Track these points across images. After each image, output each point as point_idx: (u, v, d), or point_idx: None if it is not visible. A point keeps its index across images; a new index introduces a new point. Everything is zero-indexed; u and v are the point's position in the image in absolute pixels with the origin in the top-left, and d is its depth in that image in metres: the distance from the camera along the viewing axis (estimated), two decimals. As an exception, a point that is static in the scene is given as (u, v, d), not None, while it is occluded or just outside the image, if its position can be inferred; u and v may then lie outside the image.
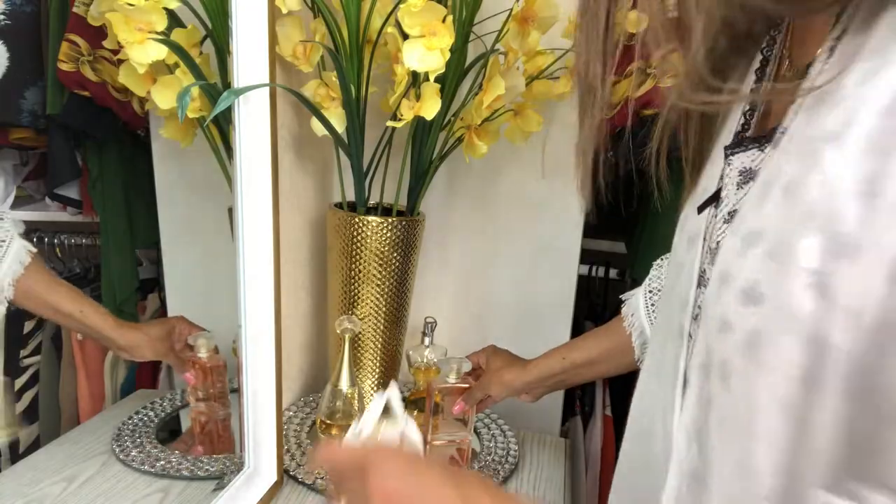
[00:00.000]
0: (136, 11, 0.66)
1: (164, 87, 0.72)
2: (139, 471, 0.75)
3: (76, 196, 0.78)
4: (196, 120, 0.77)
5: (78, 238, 0.80)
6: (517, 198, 1.06)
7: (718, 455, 0.34)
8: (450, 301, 1.13)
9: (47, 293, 0.72)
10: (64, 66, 0.69)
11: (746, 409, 0.32)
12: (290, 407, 0.98)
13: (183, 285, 0.89)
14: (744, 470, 0.32)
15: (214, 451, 0.82)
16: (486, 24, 0.87)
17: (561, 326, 1.09)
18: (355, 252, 0.90)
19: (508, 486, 0.84)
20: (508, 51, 0.85)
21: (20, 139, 0.71)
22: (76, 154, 0.77)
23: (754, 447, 0.31)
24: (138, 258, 0.87)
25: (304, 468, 0.83)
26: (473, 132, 0.89)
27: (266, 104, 0.70)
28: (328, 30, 0.83)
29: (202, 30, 0.75)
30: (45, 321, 0.77)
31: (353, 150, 0.88)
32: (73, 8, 0.69)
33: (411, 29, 0.76)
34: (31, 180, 0.76)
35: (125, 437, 0.80)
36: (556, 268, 1.08)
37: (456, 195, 1.09)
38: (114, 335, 0.78)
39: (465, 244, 1.11)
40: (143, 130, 0.82)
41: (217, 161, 0.78)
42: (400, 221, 0.90)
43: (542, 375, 0.85)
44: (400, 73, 0.80)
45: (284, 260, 0.82)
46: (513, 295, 1.11)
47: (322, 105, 0.84)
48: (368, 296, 0.93)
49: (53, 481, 0.71)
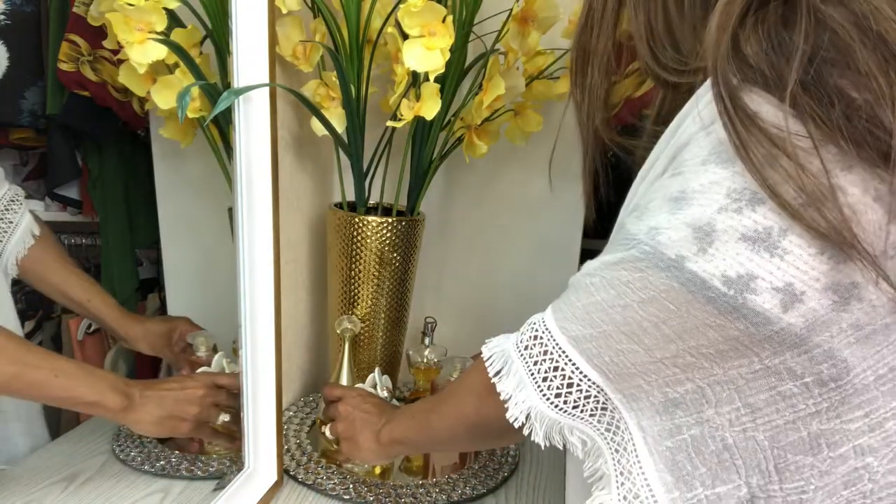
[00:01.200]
0: (136, 11, 0.66)
1: (164, 87, 0.72)
2: (139, 471, 0.75)
3: (76, 196, 0.78)
4: (196, 120, 0.77)
5: (78, 238, 0.80)
6: (517, 197, 1.06)
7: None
8: (450, 301, 1.13)
9: (57, 278, 0.74)
10: (64, 66, 0.69)
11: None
12: (290, 407, 0.98)
13: (183, 285, 0.89)
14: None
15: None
16: (486, 24, 0.87)
17: (561, 326, 1.09)
18: (355, 252, 0.90)
19: (508, 486, 0.84)
20: (508, 51, 0.85)
21: (20, 139, 0.71)
22: (76, 154, 0.77)
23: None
24: (138, 258, 0.87)
25: (305, 468, 0.83)
26: (473, 132, 0.89)
27: (266, 104, 0.70)
28: (328, 30, 0.83)
29: (202, 30, 0.75)
30: (45, 321, 0.77)
31: (353, 150, 0.88)
32: (73, 8, 0.69)
33: (411, 29, 0.76)
34: (31, 180, 0.76)
35: (125, 437, 0.80)
36: (556, 268, 1.08)
37: (456, 195, 1.09)
38: (116, 325, 0.79)
39: (465, 244, 1.11)
40: (143, 130, 0.82)
41: (217, 161, 0.78)
42: (400, 221, 0.90)
43: None
44: (400, 73, 0.80)
45: (284, 260, 0.82)
46: (513, 295, 1.11)
47: (322, 105, 0.84)
48: (368, 296, 0.93)
49: (53, 481, 0.71)
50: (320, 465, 0.83)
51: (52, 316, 0.78)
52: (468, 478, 0.83)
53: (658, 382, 0.39)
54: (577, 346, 0.42)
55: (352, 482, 0.80)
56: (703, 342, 0.37)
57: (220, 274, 0.78)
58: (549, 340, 0.44)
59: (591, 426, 0.43)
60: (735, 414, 0.38)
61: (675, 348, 0.38)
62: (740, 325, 0.35)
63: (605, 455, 0.43)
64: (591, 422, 0.43)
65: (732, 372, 0.37)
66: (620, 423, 0.42)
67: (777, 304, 0.34)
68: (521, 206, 1.06)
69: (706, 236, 0.35)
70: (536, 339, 0.45)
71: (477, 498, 0.80)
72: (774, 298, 0.34)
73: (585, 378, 0.42)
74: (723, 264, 0.35)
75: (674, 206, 0.37)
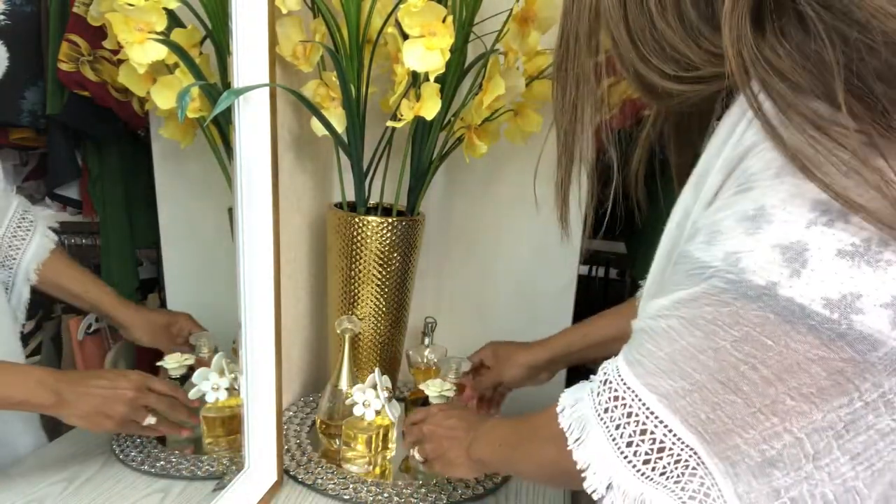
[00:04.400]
0: (136, 11, 0.66)
1: (164, 87, 0.72)
2: (139, 471, 0.75)
3: (76, 196, 0.78)
4: (196, 120, 0.77)
5: (78, 238, 0.80)
6: (517, 197, 1.06)
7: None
8: (450, 301, 1.13)
9: (65, 278, 0.76)
10: (64, 66, 0.69)
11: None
12: (290, 407, 0.98)
13: (183, 285, 0.89)
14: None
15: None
16: (486, 24, 0.87)
17: (561, 326, 1.08)
18: (355, 252, 0.90)
19: (508, 486, 0.84)
20: (508, 51, 0.85)
21: (20, 139, 0.71)
22: (76, 154, 0.77)
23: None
24: (138, 258, 0.87)
25: (305, 468, 0.83)
26: (473, 132, 0.89)
27: (266, 104, 0.70)
28: (328, 30, 0.83)
29: (202, 30, 0.75)
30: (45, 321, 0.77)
31: (353, 150, 0.88)
32: (73, 8, 0.69)
33: (411, 29, 0.76)
34: (31, 180, 0.76)
35: (125, 437, 0.80)
36: (556, 268, 1.08)
37: (456, 195, 1.09)
38: (114, 312, 0.80)
39: (465, 244, 1.11)
40: (143, 130, 0.82)
41: (217, 161, 0.78)
42: (400, 221, 0.90)
43: (563, 351, 0.87)
44: (400, 73, 0.80)
45: (284, 260, 0.82)
46: (513, 295, 1.11)
47: (322, 105, 0.84)
48: (368, 296, 0.93)
49: (53, 481, 0.71)
50: (320, 466, 0.83)
51: (53, 316, 0.78)
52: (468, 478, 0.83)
53: (755, 439, 0.36)
54: (669, 403, 0.38)
55: (352, 482, 0.80)
56: (806, 380, 0.34)
57: (220, 274, 0.78)
58: (633, 400, 0.40)
59: (674, 496, 0.39)
60: (834, 465, 0.35)
61: (774, 392, 0.34)
62: (845, 354, 0.32)
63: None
64: (675, 490, 0.39)
65: (832, 415, 0.34)
66: (712, 489, 0.38)
67: (886, 321, 0.31)
68: (521, 206, 1.06)
69: (798, 256, 0.32)
70: (618, 401, 0.40)
71: (477, 498, 0.80)
72: (883, 315, 0.31)
73: (679, 441, 0.38)
74: (822, 286, 0.32)
75: (752, 226, 0.33)
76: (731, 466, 0.37)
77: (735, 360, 0.35)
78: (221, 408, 0.80)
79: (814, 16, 0.32)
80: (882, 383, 0.33)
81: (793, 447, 0.35)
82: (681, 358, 0.37)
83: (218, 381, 0.78)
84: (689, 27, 0.39)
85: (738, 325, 0.34)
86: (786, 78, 0.32)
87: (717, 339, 0.35)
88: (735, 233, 0.34)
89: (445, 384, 0.85)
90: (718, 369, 0.35)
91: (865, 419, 0.34)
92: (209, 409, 0.80)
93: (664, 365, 0.38)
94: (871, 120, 0.30)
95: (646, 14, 0.41)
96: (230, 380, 0.79)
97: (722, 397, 0.36)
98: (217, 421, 0.81)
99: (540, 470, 0.56)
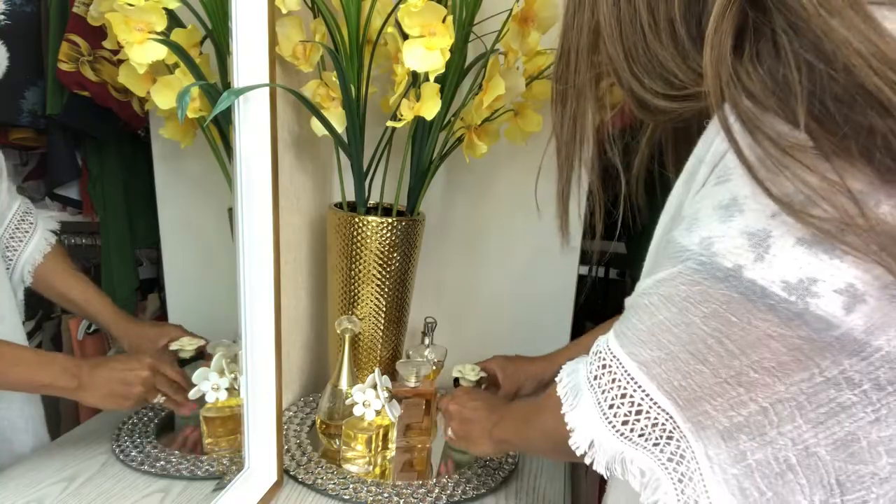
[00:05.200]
0: (136, 11, 0.66)
1: (164, 87, 0.72)
2: (139, 471, 0.75)
3: (76, 196, 0.78)
4: (196, 120, 0.77)
5: (78, 238, 0.80)
6: (517, 197, 1.06)
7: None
8: (450, 301, 1.13)
9: (60, 282, 0.78)
10: (64, 66, 0.69)
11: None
12: (290, 407, 0.98)
13: (183, 285, 0.89)
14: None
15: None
16: (486, 24, 0.87)
17: (561, 326, 1.09)
18: (355, 252, 0.90)
19: (508, 487, 0.84)
20: (508, 51, 0.85)
21: (20, 139, 0.71)
22: (76, 154, 0.77)
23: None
24: (138, 258, 0.87)
25: (305, 468, 0.83)
26: (473, 132, 0.89)
27: (266, 104, 0.70)
28: (328, 30, 0.83)
29: (202, 30, 0.75)
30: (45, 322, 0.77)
31: (353, 150, 0.88)
32: (73, 8, 0.69)
33: (411, 29, 0.76)
34: (31, 180, 0.76)
35: (125, 437, 0.80)
36: (556, 268, 1.08)
37: (456, 195, 1.09)
38: (108, 324, 0.81)
39: (465, 244, 1.11)
40: (143, 130, 0.82)
41: (217, 161, 0.78)
42: (400, 221, 0.90)
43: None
44: (400, 73, 0.80)
45: (284, 260, 0.82)
46: (513, 295, 1.11)
47: (322, 105, 0.84)
48: (368, 296, 0.93)
49: (53, 481, 0.71)
50: (320, 466, 0.83)
51: (52, 316, 0.78)
52: (468, 478, 0.83)
53: (723, 406, 0.39)
54: (647, 371, 0.42)
55: (352, 482, 0.80)
56: (766, 355, 0.37)
57: (220, 274, 0.78)
58: (617, 367, 0.43)
59: (652, 456, 0.42)
60: (797, 432, 0.38)
61: (738, 364, 0.37)
62: (802, 333, 0.35)
63: (665, 487, 0.42)
64: (653, 451, 0.42)
65: (794, 388, 0.37)
66: (686, 452, 0.41)
67: (840, 306, 0.34)
68: (521, 206, 1.06)
69: (762, 242, 0.35)
70: (605, 368, 0.44)
71: (477, 498, 0.80)
72: (837, 301, 0.34)
73: (655, 405, 0.42)
74: (782, 270, 0.35)
75: (725, 214, 0.37)
76: (702, 430, 0.40)
77: (703, 333, 0.38)
78: (221, 408, 0.80)
79: (787, 43, 0.34)
80: (841, 361, 0.35)
81: (758, 415, 0.38)
82: (658, 330, 0.41)
83: (218, 381, 0.78)
84: (680, 47, 0.42)
85: (707, 302, 0.38)
86: (755, 100, 0.35)
87: (689, 315, 0.39)
88: (710, 220, 0.37)
89: (476, 368, 0.92)
90: (689, 341, 0.39)
91: (826, 392, 0.36)
92: (209, 409, 0.80)
93: (644, 336, 0.42)
94: (827, 139, 0.33)
95: (639, 33, 0.43)
96: (230, 380, 0.79)
97: (692, 367, 0.39)
98: (217, 421, 0.81)
99: (546, 439, 0.59)
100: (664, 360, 0.40)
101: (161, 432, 0.82)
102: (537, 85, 0.89)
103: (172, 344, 0.83)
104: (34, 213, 0.75)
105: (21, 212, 0.73)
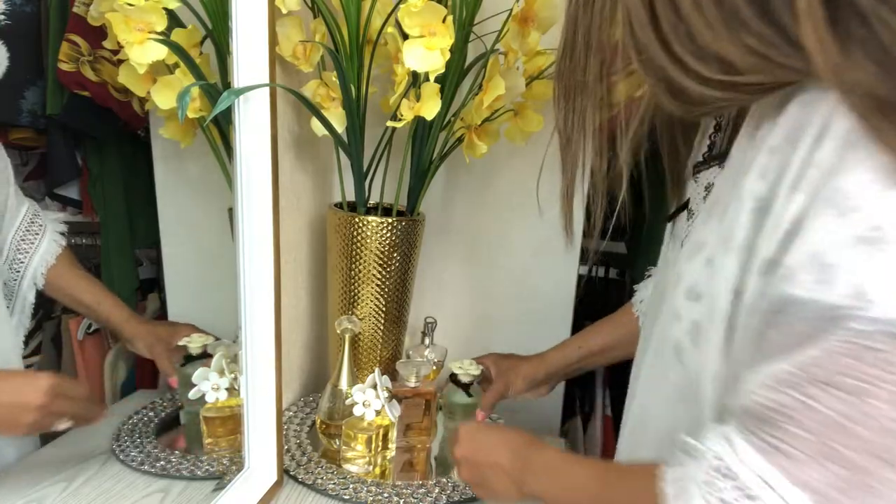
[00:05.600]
0: (136, 11, 0.66)
1: (164, 87, 0.72)
2: (139, 471, 0.75)
3: (76, 196, 0.78)
4: (196, 120, 0.77)
5: (78, 238, 0.80)
6: (517, 197, 1.06)
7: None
8: (450, 301, 1.13)
9: (71, 284, 0.77)
10: (64, 66, 0.69)
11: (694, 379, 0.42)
12: (290, 407, 0.98)
13: (183, 285, 0.89)
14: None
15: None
16: (486, 24, 0.87)
17: (561, 326, 1.09)
18: (355, 252, 0.90)
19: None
20: (508, 51, 0.85)
21: (20, 139, 0.71)
22: (76, 154, 0.77)
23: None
24: (138, 258, 0.87)
25: (305, 468, 0.83)
26: (473, 132, 0.89)
27: (266, 104, 0.70)
28: (328, 30, 0.83)
29: (202, 30, 0.75)
30: (45, 322, 0.77)
31: (353, 150, 0.88)
32: (73, 8, 0.69)
33: (411, 29, 0.76)
34: (31, 180, 0.76)
35: (125, 437, 0.80)
36: (556, 268, 1.08)
37: (456, 195, 1.09)
38: (120, 325, 0.80)
39: (465, 244, 1.11)
40: (143, 130, 0.82)
41: (217, 161, 0.78)
42: (400, 221, 0.90)
43: (561, 364, 0.89)
44: (400, 73, 0.80)
45: (284, 260, 0.82)
46: (513, 295, 1.11)
47: (322, 105, 0.84)
48: (368, 296, 0.93)
49: (53, 481, 0.71)
50: (320, 466, 0.83)
51: (53, 316, 0.78)
52: None
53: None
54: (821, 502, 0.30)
55: (352, 482, 0.80)
56: None
57: (220, 274, 0.78)
58: (775, 500, 0.30)
59: None
60: None
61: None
62: None
63: None
64: None
65: None
66: None
67: None
68: (522, 206, 1.06)
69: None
70: (751, 500, 0.31)
71: (477, 498, 0.80)
72: None
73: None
74: None
75: (872, 250, 0.28)
76: None
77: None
78: (221, 408, 0.80)
79: (871, 8, 0.29)
80: None
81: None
82: (831, 433, 0.29)
83: (218, 381, 0.78)
84: (734, 21, 0.34)
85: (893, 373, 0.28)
86: (866, 82, 0.30)
87: (872, 400, 0.28)
88: (856, 261, 0.29)
89: (475, 364, 0.90)
90: (883, 447, 0.28)
91: None
92: (209, 409, 0.80)
93: (813, 448, 0.30)
94: None
95: (678, 10, 0.36)
96: (230, 380, 0.79)
97: (888, 476, 0.28)
98: (217, 421, 0.81)
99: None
100: (846, 482, 0.29)
101: (161, 432, 0.83)
102: (537, 85, 0.89)
103: (182, 340, 0.82)
104: (42, 216, 0.75)
105: (31, 214, 0.73)
